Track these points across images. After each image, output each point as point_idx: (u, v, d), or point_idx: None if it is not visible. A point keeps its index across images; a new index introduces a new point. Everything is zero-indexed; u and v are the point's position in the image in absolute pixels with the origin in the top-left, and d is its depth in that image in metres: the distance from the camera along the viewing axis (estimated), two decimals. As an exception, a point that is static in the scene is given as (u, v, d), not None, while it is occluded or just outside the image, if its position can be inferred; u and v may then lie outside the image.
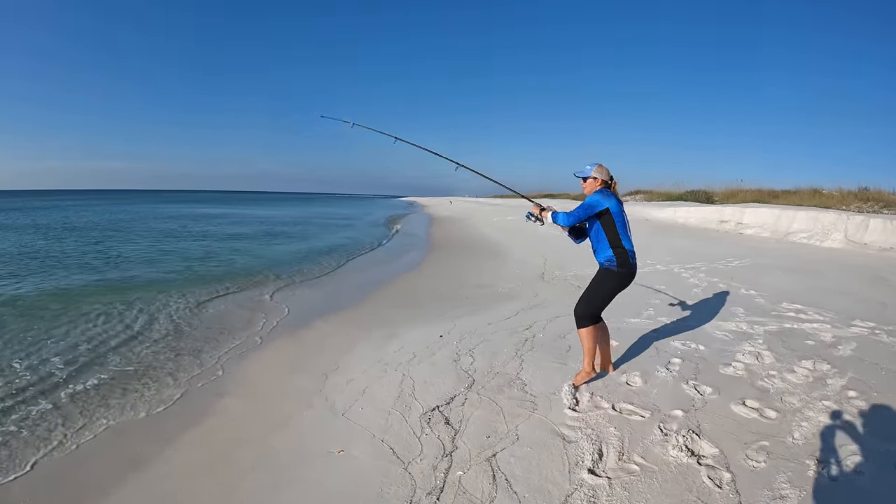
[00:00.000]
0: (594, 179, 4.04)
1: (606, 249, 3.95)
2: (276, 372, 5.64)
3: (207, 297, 9.15)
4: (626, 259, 3.92)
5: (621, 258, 3.92)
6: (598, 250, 4.02)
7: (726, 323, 5.96)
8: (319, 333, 6.93)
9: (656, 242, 14.49)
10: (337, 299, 9.07)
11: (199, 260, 13.89)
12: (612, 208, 3.90)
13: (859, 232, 12.43)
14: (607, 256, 3.95)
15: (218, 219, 34.59)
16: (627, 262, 3.93)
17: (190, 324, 7.53)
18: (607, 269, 3.96)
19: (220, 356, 6.16)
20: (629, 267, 3.94)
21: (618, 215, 3.92)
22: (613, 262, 3.93)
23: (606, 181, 4.04)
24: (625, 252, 3.92)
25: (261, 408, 4.70)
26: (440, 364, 5.05)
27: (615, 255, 3.92)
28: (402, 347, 5.82)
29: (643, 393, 4.08)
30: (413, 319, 7.20)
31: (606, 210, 3.89)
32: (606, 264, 3.96)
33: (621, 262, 3.91)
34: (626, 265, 3.92)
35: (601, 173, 4.03)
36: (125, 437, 4.19)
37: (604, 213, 3.90)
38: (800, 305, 6.76)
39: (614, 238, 3.91)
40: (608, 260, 3.95)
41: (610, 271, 3.95)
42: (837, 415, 3.67)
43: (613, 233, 3.91)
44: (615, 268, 3.93)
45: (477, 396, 4.21)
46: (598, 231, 3.97)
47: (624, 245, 3.92)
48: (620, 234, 3.92)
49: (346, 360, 5.68)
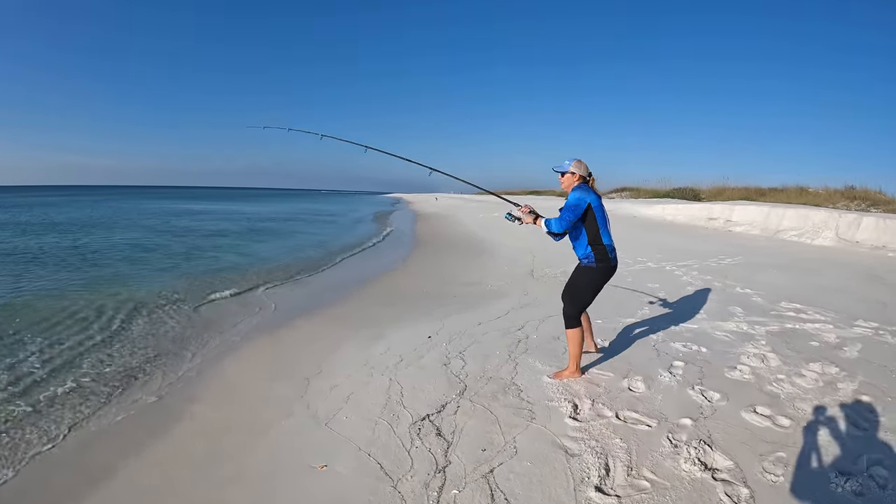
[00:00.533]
0: (572, 174, 4.01)
1: (585, 245, 3.95)
2: (255, 376, 5.33)
3: (188, 296, 8.76)
4: (605, 254, 3.92)
5: (600, 254, 3.92)
6: (577, 246, 4.02)
7: (726, 323, 5.74)
8: (302, 334, 6.62)
9: (646, 240, 14.34)
10: (322, 298, 8.73)
11: (181, 257, 13.46)
12: (592, 203, 3.88)
13: (851, 230, 12.35)
14: (586, 252, 3.96)
15: (201, 215, 33.99)
16: (606, 257, 3.93)
17: (169, 323, 7.19)
18: (586, 265, 3.97)
19: (197, 358, 5.85)
20: (608, 261, 3.94)
21: (598, 210, 3.91)
22: (592, 257, 3.93)
23: (584, 177, 4.01)
24: (603, 247, 3.92)
25: (237, 415, 4.39)
26: (429, 368, 4.77)
27: (594, 251, 3.92)
28: (389, 349, 5.53)
29: (647, 399, 3.82)
30: (400, 319, 6.91)
31: (588, 206, 3.88)
32: (585, 261, 3.98)
33: (600, 258, 3.92)
34: (604, 260, 3.92)
35: (579, 168, 4.00)
36: (91, 447, 3.89)
37: (586, 210, 3.89)
38: (799, 305, 6.58)
39: (594, 234, 3.91)
40: (586, 256, 3.96)
41: (589, 267, 3.96)
42: (855, 422, 3.45)
43: (594, 228, 3.90)
44: (594, 263, 3.93)
45: (470, 404, 3.93)
46: (578, 227, 3.96)
47: (603, 241, 3.92)
48: (600, 230, 3.90)
49: (330, 364, 5.37)
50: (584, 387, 4.05)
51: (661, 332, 5.45)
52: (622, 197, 33.78)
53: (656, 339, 5.18)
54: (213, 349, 6.16)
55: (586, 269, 3.98)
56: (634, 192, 34.61)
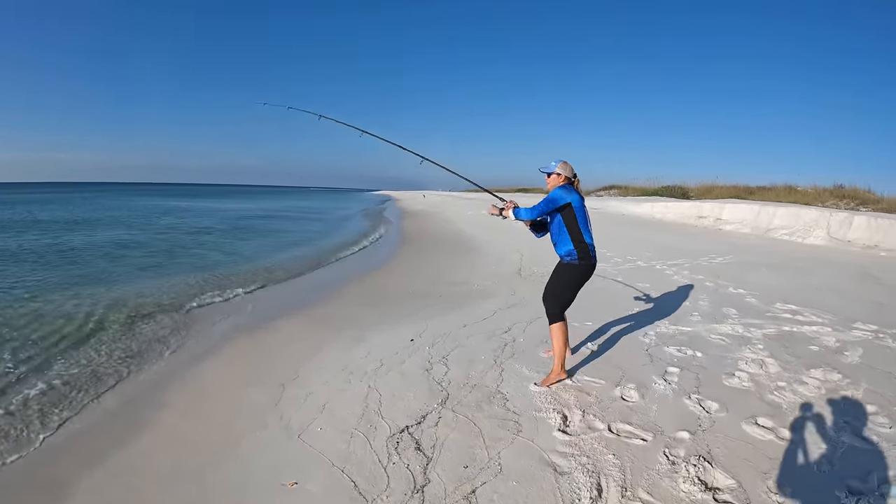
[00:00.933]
0: (558, 175, 4.06)
1: (567, 243, 3.97)
2: (230, 381, 5.05)
3: (167, 296, 8.42)
4: (587, 252, 3.95)
5: (582, 252, 3.94)
6: (559, 244, 4.05)
7: (721, 326, 5.52)
8: (283, 335, 6.33)
9: (635, 238, 14.14)
10: (305, 297, 8.43)
11: (163, 255, 13.08)
12: (574, 203, 3.92)
13: (842, 229, 12.22)
14: (568, 250, 3.98)
15: (186, 212, 33.48)
16: (588, 255, 3.96)
17: (145, 324, 6.88)
18: (568, 262, 4.00)
19: (172, 361, 5.60)
20: (589, 259, 3.97)
21: (579, 210, 3.95)
22: (574, 255, 3.95)
23: (570, 178, 4.06)
24: (585, 246, 3.95)
25: (207, 425, 4.12)
26: (410, 374, 4.49)
27: (576, 249, 3.95)
28: (370, 353, 5.25)
29: (642, 410, 3.58)
30: (383, 320, 6.63)
31: (568, 205, 3.91)
32: (567, 258, 4.00)
33: (582, 256, 3.95)
34: (586, 258, 3.96)
35: (565, 170, 4.05)
36: (53, 457, 3.66)
37: (565, 208, 3.93)
38: (794, 306, 6.38)
39: (576, 232, 3.94)
40: (568, 254, 3.98)
41: (571, 265, 3.98)
42: (862, 435, 3.23)
43: (575, 227, 3.94)
44: (576, 261, 3.96)
45: (452, 414, 3.66)
46: (559, 225, 4.01)
47: (585, 239, 3.95)
48: (582, 229, 3.95)
49: (308, 369, 5.10)
50: (574, 396, 3.80)
51: (653, 335, 5.21)
52: (610, 195, 33.63)
53: (649, 343, 4.94)
54: (189, 351, 5.89)
55: (568, 267, 4.00)
56: (623, 190, 34.46)
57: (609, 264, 10.04)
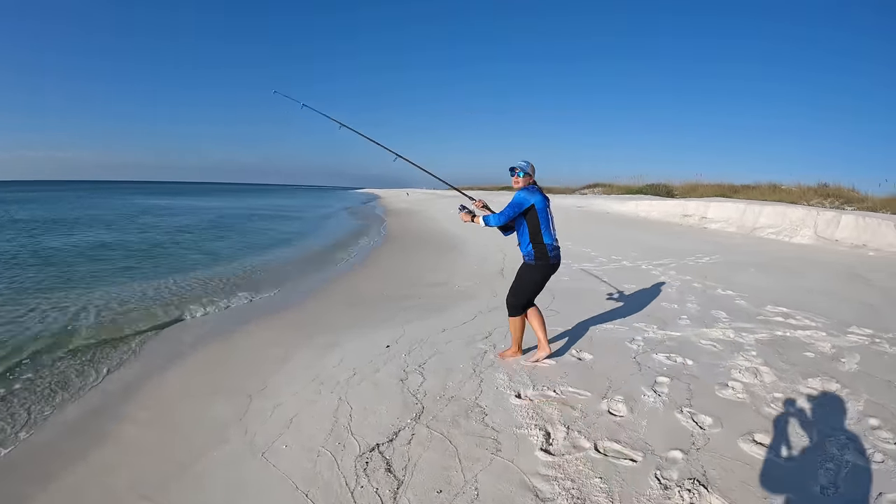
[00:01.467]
0: (528, 176, 4.19)
1: (527, 244, 4.12)
2: (196, 390, 4.79)
3: (139, 298, 8.07)
4: (545, 252, 4.08)
5: (539, 252, 4.08)
6: (521, 243, 4.20)
7: (711, 330, 5.29)
8: (254, 340, 6.05)
9: (620, 237, 13.96)
10: (278, 300, 8.12)
11: (141, 255, 12.69)
12: (536, 204, 4.04)
13: (830, 228, 12.11)
14: (527, 250, 4.14)
15: (168, 210, 32.84)
16: (546, 255, 4.09)
17: (116, 327, 6.61)
18: (527, 263, 4.17)
19: (139, 368, 5.36)
20: (547, 259, 4.10)
21: (542, 211, 4.07)
22: (532, 255, 4.11)
23: (534, 179, 4.22)
24: (543, 246, 4.07)
25: (167, 440, 3.87)
26: (384, 384, 4.20)
27: (534, 250, 4.09)
28: (343, 360, 4.96)
29: (630, 426, 3.31)
30: (358, 324, 6.34)
31: (532, 206, 4.04)
32: (527, 258, 4.16)
33: (539, 256, 4.09)
34: (543, 258, 4.09)
35: (532, 171, 4.21)
36: (4, 474, 3.49)
37: (529, 210, 4.06)
38: (785, 308, 6.18)
39: (535, 233, 4.07)
40: (528, 254, 4.14)
41: (530, 265, 4.15)
42: (866, 452, 2.99)
43: (535, 228, 4.06)
44: (534, 261, 4.11)
45: (427, 431, 3.38)
46: (521, 226, 4.14)
47: (544, 240, 4.08)
48: (542, 229, 4.06)
49: (277, 378, 4.80)
50: (558, 409, 3.53)
51: (641, 341, 4.96)
52: (594, 193, 33.51)
53: (637, 350, 4.69)
54: (158, 357, 5.64)
55: (528, 267, 4.17)
56: (607, 188, 34.35)
57: (593, 264, 9.83)
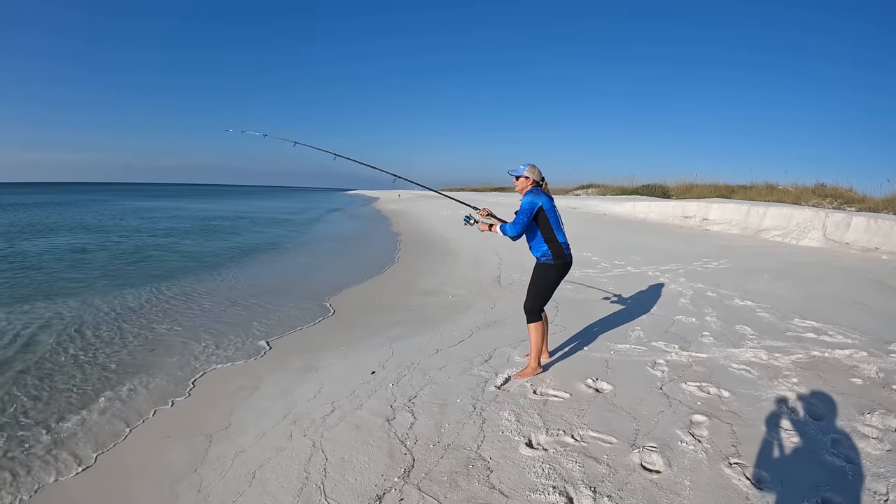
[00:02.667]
0: (526, 178, 4.13)
1: (541, 245, 4.06)
2: (153, 428, 4.11)
3: (108, 311, 7.33)
4: (561, 251, 4.05)
5: (556, 251, 4.04)
6: (534, 246, 4.14)
7: (740, 351, 4.68)
8: (219, 367, 5.36)
9: (620, 240, 13.37)
10: (258, 312, 7.40)
11: (124, 261, 11.93)
12: (544, 206, 4.01)
13: (839, 230, 11.58)
14: (543, 251, 4.07)
15: (156, 212, 31.98)
16: (562, 254, 4.05)
17: (79, 346, 5.90)
18: (545, 263, 4.08)
19: (100, 401, 4.57)
20: (564, 258, 4.07)
21: (550, 211, 4.04)
22: (549, 255, 4.04)
23: (538, 181, 4.14)
24: (559, 245, 4.04)
25: (107, 495, 3.19)
26: (367, 426, 3.53)
27: (550, 249, 4.04)
28: (321, 391, 4.30)
29: (671, 486, 2.66)
30: (341, 343, 5.68)
31: (540, 208, 4.01)
32: (543, 259, 4.08)
33: (556, 255, 4.04)
34: (561, 256, 4.05)
35: (533, 173, 4.13)
36: None
37: (539, 211, 4.01)
38: (815, 322, 5.59)
39: (548, 233, 4.03)
40: (544, 254, 4.07)
41: (548, 265, 4.07)
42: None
43: (547, 228, 4.02)
44: (552, 261, 4.04)
45: (418, 495, 2.71)
46: (532, 228, 4.08)
47: (558, 238, 4.04)
48: (554, 229, 4.03)
49: (243, 413, 4.15)
50: (580, 463, 2.88)
51: (664, 365, 4.34)
52: (588, 193, 33.00)
53: (662, 378, 4.06)
54: (121, 390, 4.83)
55: (545, 267, 4.08)
56: (601, 188, 33.83)
57: (596, 270, 9.21)
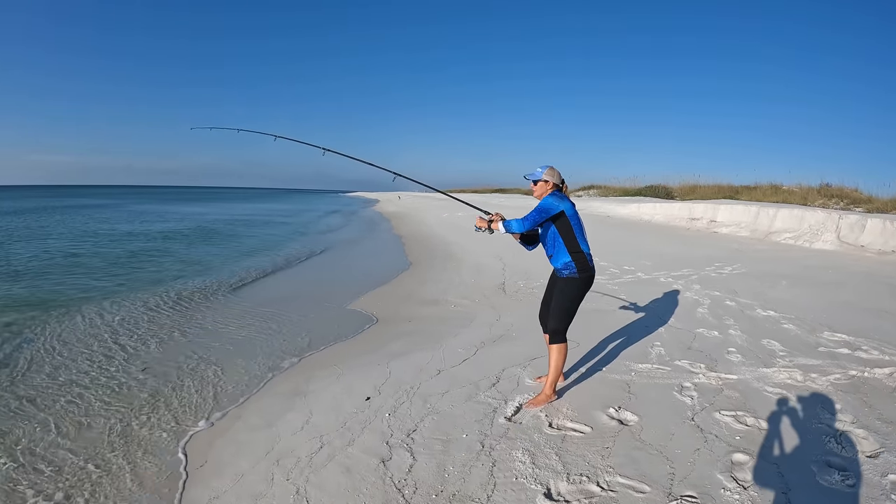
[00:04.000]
0: (545, 182, 3.78)
1: (564, 255, 3.69)
2: (120, 460, 3.68)
3: (84, 322, 6.89)
4: (586, 263, 3.69)
5: (581, 263, 3.67)
6: (555, 255, 3.76)
7: (772, 371, 4.25)
8: (199, 388, 4.93)
9: (627, 243, 12.96)
10: (248, 325, 6.96)
11: (102, 273, 11.47)
12: (567, 211, 3.65)
13: (854, 233, 11.15)
14: (565, 262, 3.70)
15: (148, 215, 31.53)
16: (587, 266, 3.70)
17: (49, 360, 5.50)
18: (568, 277, 3.70)
19: (45, 423, 4.15)
20: (589, 270, 3.71)
21: (573, 218, 3.69)
22: (573, 268, 3.67)
23: (558, 184, 3.79)
24: (583, 256, 3.69)
25: None
26: (359, 468, 3.09)
27: (574, 261, 3.67)
28: (309, 421, 3.87)
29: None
30: (333, 362, 5.24)
31: (562, 213, 3.65)
32: (566, 272, 3.70)
33: (581, 267, 3.68)
34: (586, 269, 3.69)
35: (553, 176, 3.77)
36: None
37: (559, 217, 3.66)
38: (846, 336, 5.16)
39: (572, 242, 3.67)
40: (566, 266, 3.70)
41: (572, 279, 3.69)
42: None
43: (571, 237, 3.67)
44: (576, 274, 3.66)
45: (417, 563, 2.29)
46: (553, 236, 3.72)
47: (582, 249, 3.69)
48: (578, 238, 3.68)
49: (222, 446, 3.72)
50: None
51: (692, 389, 3.90)
52: (590, 195, 32.63)
53: (692, 406, 3.62)
54: (85, 406, 4.46)
55: (570, 281, 3.69)
56: (603, 189, 33.47)
57: (605, 276, 8.78)
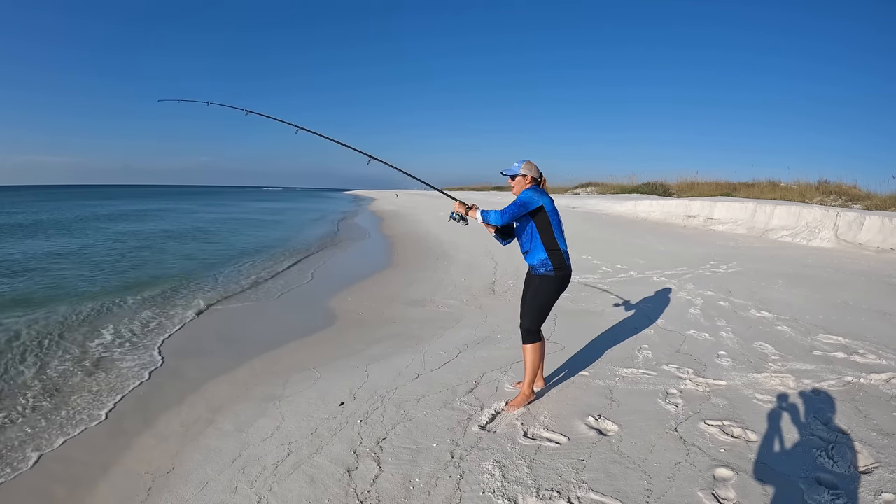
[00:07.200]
0: (523, 177, 3.67)
1: (540, 251, 3.57)
2: (85, 466, 3.56)
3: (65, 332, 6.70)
4: (562, 261, 3.58)
5: (557, 261, 3.55)
6: (531, 252, 3.63)
7: (763, 377, 4.08)
8: (184, 385, 4.80)
9: (622, 241, 12.78)
10: (233, 327, 6.79)
11: (85, 277, 11.35)
12: (546, 206, 3.55)
13: (852, 230, 11.00)
14: (541, 259, 3.57)
15: (147, 215, 31.39)
16: (564, 264, 3.58)
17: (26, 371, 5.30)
18: (543, 274, 3.58)
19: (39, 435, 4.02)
20: (565, 269, 3.59)
21: (552, 213, 3.58)
22: (549, 265, 3.55)
23: (536, 178, 3.69)
24: (560, 253, 3.57)
25: None
26: (323, 479, 2.92)
27: (550, 258, 3.55)
28: (279, 427, 3.71)
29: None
30: (311, 364, 5.09)
31: (541, 208, 3.54)
32: (541, 269, 3.58)
33: (558, 266, 3.55)
34: (562, 267, 3.57)
35: (530, 170, 3.68)
36: None
37: (538, 212, 3.54)
38: (842, 339, 5.00)
39: (549, 239, 3.55)
40: (542, 263, 3.57)
41: (547, 277, 3.57)
42: None
43: (548, 233, 3.55)
44: (552, 272, 3.55)
45: (371, 590, 2.13)
46: (531, 231, 3.59)
47: (559, 246, 3.58)
48: (556, 235, 3.57)
49: (190, 452, 3.59)
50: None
51: (678, 396, 3.74)
52: (587, 192, 32.46)
53: (676, 415, 3.45)
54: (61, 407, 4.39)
55: (544, 279, 3.57)
56: (600, 187, 33.31)
57: (597, 275, 8.62)
